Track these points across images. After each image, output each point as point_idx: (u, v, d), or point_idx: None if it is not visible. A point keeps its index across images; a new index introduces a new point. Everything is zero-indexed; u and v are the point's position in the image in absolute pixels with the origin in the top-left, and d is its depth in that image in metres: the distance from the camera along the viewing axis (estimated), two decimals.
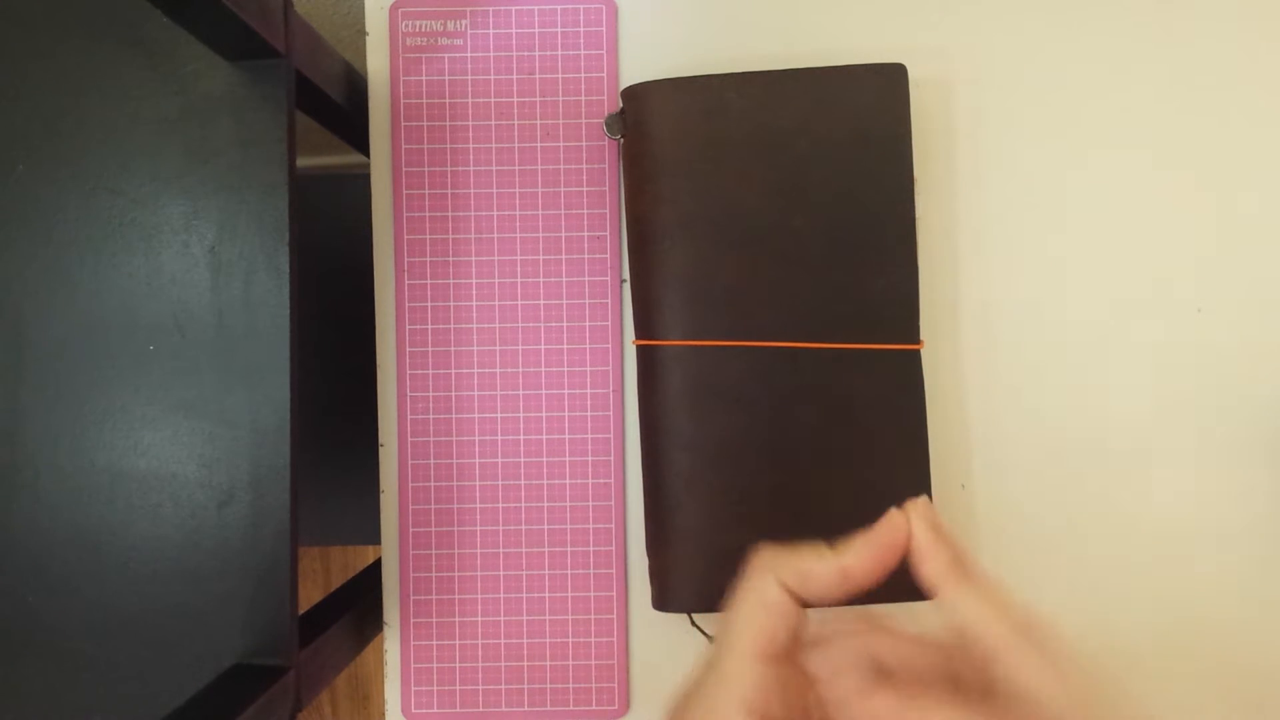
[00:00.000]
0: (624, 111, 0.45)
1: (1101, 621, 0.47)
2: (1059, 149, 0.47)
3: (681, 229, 0.44)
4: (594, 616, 0.47)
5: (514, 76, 0.47)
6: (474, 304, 0.47)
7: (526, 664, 0.47)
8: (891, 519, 0.29)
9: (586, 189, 0.47)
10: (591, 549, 0.47)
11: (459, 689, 0.47)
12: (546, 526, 0.47)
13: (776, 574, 0.29)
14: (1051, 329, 0.47)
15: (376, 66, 0.48)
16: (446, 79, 0.47)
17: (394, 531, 0.47)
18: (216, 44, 0.41)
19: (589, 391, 0.47)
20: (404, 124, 0.47)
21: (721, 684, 0.28)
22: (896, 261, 0.44)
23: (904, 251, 0.44)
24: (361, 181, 0.48)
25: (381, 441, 0.47)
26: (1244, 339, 0.47)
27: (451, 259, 0.47)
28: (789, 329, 0.44)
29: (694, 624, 0.45)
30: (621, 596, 0.47)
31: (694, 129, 0.44)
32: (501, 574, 0.47)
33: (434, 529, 0.47)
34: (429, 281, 0.47)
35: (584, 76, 0.47)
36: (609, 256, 0.47)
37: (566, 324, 0.47)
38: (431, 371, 0.47)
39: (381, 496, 0.47)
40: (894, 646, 0.29)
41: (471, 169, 0.47)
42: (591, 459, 0.47)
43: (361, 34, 0.48)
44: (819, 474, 0.44)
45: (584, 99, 0.47)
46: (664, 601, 0.45)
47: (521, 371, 0.47)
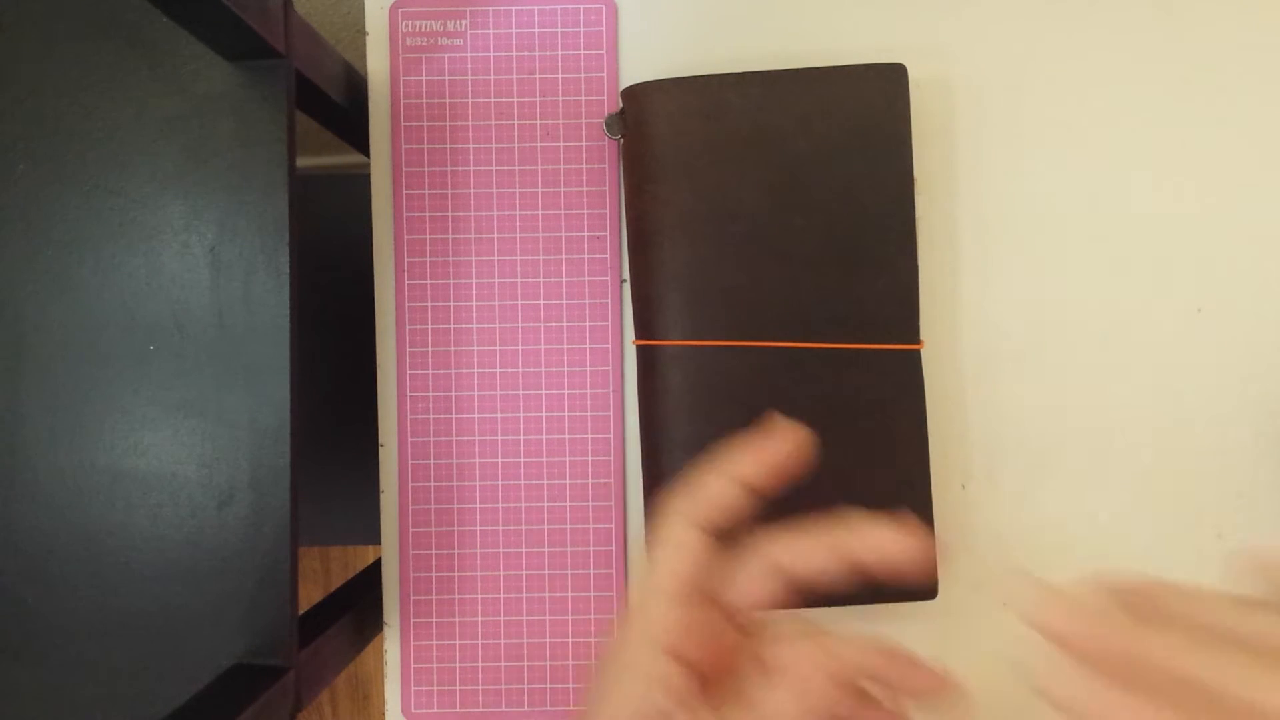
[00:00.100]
0: (624, 111, 0.45)
1: None
2: (1059, 149, 0.47)
3: (681, 229, 0.44)
4: (594, 616, 0.47)
5: (514, 76, 0.47)
6: (474, 304, 0.47)
7: (526, 664, 0.47)
8: (784, 435, 0.31)
9: (586, 189, 0.47)
10: (591, 549, 0.47)
11: (459, 689, 0.47)
12: (546, 526, 0.47)
13: (687, 515, 0.29)
14: (1051, 329, 0.47)
15: (376, 66, 0.48)
16: (446, 79, 0.47)
17: (394, 531, 0.47)
18: (216, 44, 0.41)
19: (589, 391, 0.47)
20: (404, 124, 0.47)
21: (640, 623, 0.28)
22: (896, 261, 0.44)
23: (904, 251, 0.44)
24: (361, 181, 0.48)
25: (381, 441, 0.47)
26: (1244, 339, 0.47)
27: (451, 259, 0.47)
28: (789, 329, 0.44)
29: None
30: (621, 596, 0.47)
31: (694, 129, 0.44)
32: (501, 574, 0.47)
33: (434, 529, 0.47)
34: (429, 281, 0.47)
35: (584, 76, 0.47)
36: (609, 256, 0.47)
37: (566, 324, 0.47)
38: (431, 371, 0.47)
39: (381, 496, 0.47)
40: (799, 551, 0.30)
41: (471, 169, 0.47)
42: (591, 459, 0.47)
43: (361, 34, 0.48)
44: (819, 474, 0.44)
45: (584, 99, 0.47)
46: None
47: (521, 371, 0.47)
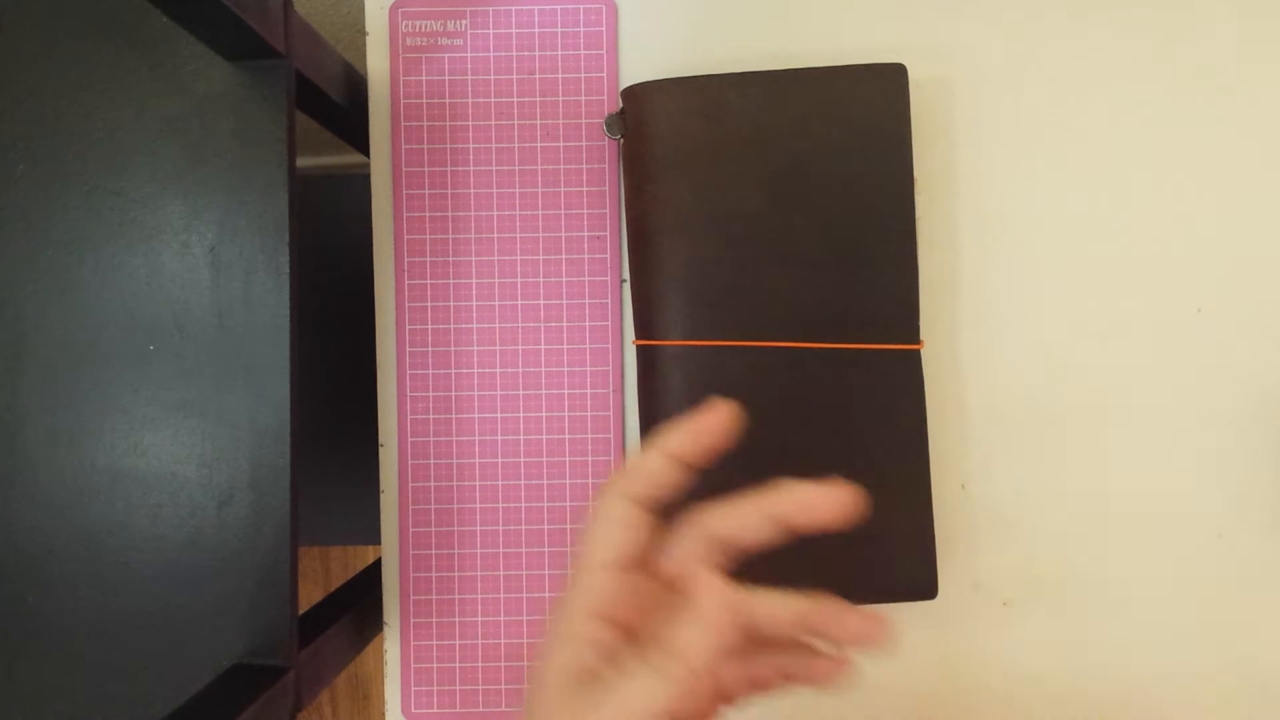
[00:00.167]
0: (624, 111, 0.45)
1: (1102, 622, 0.47)
2: (1059, 149, 0.47)
3: (681, 229, 0.44)
4: None
5: (514, 76, 0.47)
6: (474, 304, 0.47)
7: (526, 664, 0.46)
8: (714, 412, 0.32)
9: (586, 189, 0.47)
10: None
11: (459, 689, 0.47)
12: (546, 527, 0.47)
13: (621, 489, 0.31)
14: (1051, 329, 0.47)
15: (376, 66, 0.48)
16: (446, 79, 0.47)
17: (394, 531, 0.47)
18: (216, 44, 0.41)
19: (589, 391, 0.47)
20: (404, 124, 0.47)
21: (573, 591, 0.31)
22: (896, 261, 0.44)
23: (904, 251, 0.44)
24: (361, 181, 0.48)
25: (381, 441, 0.47)
26: (1244, 339, 0.47)
27: (451, 259, 0.47)
28: (789, 329, 0.44)
29: None
30: None
31: (694, 129, 0.44)
32: (501, 574, 0.47)
33: (434, 529, 0.47)
34: (429, 281, 0.47)
35: (584, 76, 0.47)
36: (609, 256, 0.47)
37: (566, 324, 0.47)
38: (431, 371, 0.47)
39: (381, 496, 0.47)
40: (729, 516, 0.32)
41: (471, 169, 0.47)
42: (591, 459, 0.47)
43: (361, 34, 0.48)
44: (819, 474, 0.44)
45: (584, 99, 0.47)
46: None
47: (521, 371, 0.47)
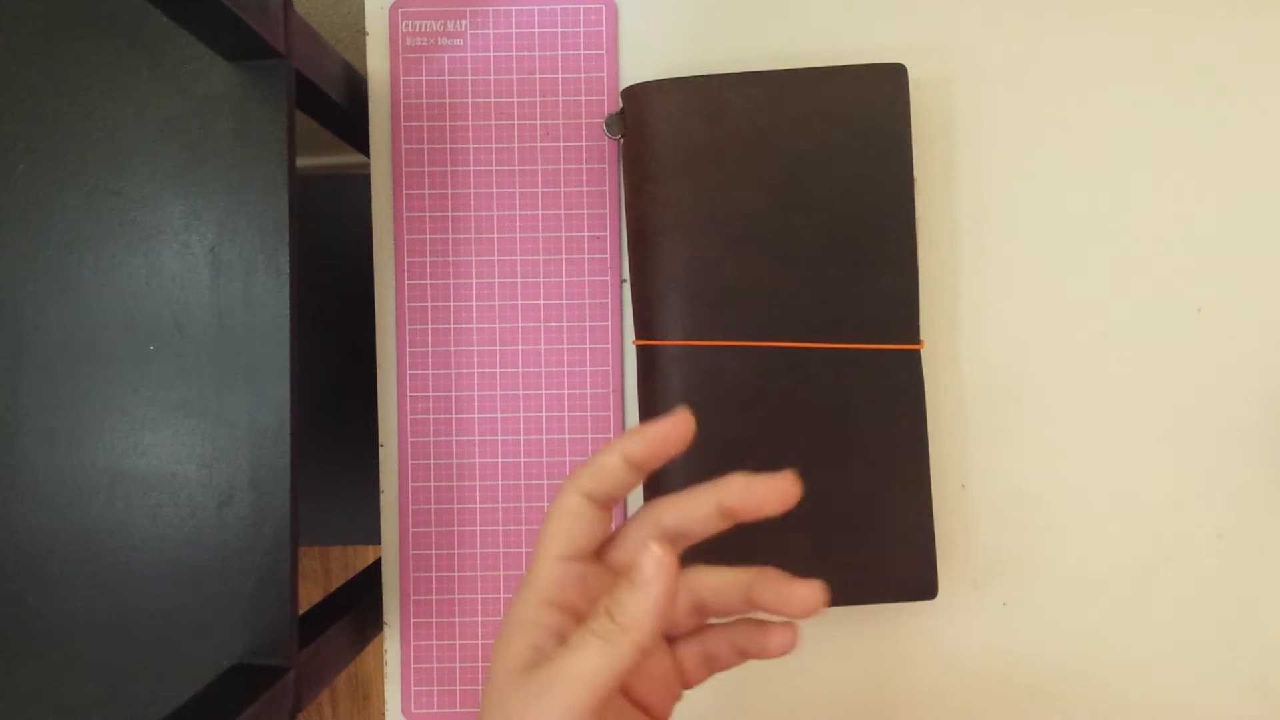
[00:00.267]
0: (624, 111, 0.45)
1: (1103, 622, 0.47)
2: (1059, 149, 0.47)
3: (681, 229, 0.44)
4: None
5: (514, 76, 0.47)
6: (474, 304, 0.47)
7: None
8: (670, 420, 0.33)
9: (586, 189, 0.47)
10: None
11: (459, 689, 0.47)
12: None
13: (574, 485, 0.32)
14: (1051, 329, 0.47)
15: (376, 66, 0.48)
16: (446, 79, 0.47)
17: (394, 531, 0.47)
18: (216, 44, 0.41)
19: (589, 391, 0.47)
20: (404, 124, 0.47)
21: (526, 582, 0.32)
22: (896, 261, 0.44)
23: (904, 251, 0.44)
24: (361, 181, 0.48)
25: (381, 441, 0.47)
26: (1244, 339, 0.47)
27: (451, 259, 0.47)
28: (789, 329, 0.44)
29: None
30: None
31: (694, 129, 0.44)
32: (501, 574, 0.47)
33: (434, 529, 0.47)
34: (429, 281, 0.47)
35: (584, 76, 0.47)
36: (609, 256, 0.47)
37: (566, 324, 0.47)
38: (431, 371, 0.47)
39: (381, 496, 0.47)
40: (677, 510, 0.33)
41: (471, 169, 0.47)
42: None
43: (361, 34, 0.48)
44: (819, 474, 0.44)
45: (584, 99, 0.47)
46: None
47: (521, 371, 0.47)
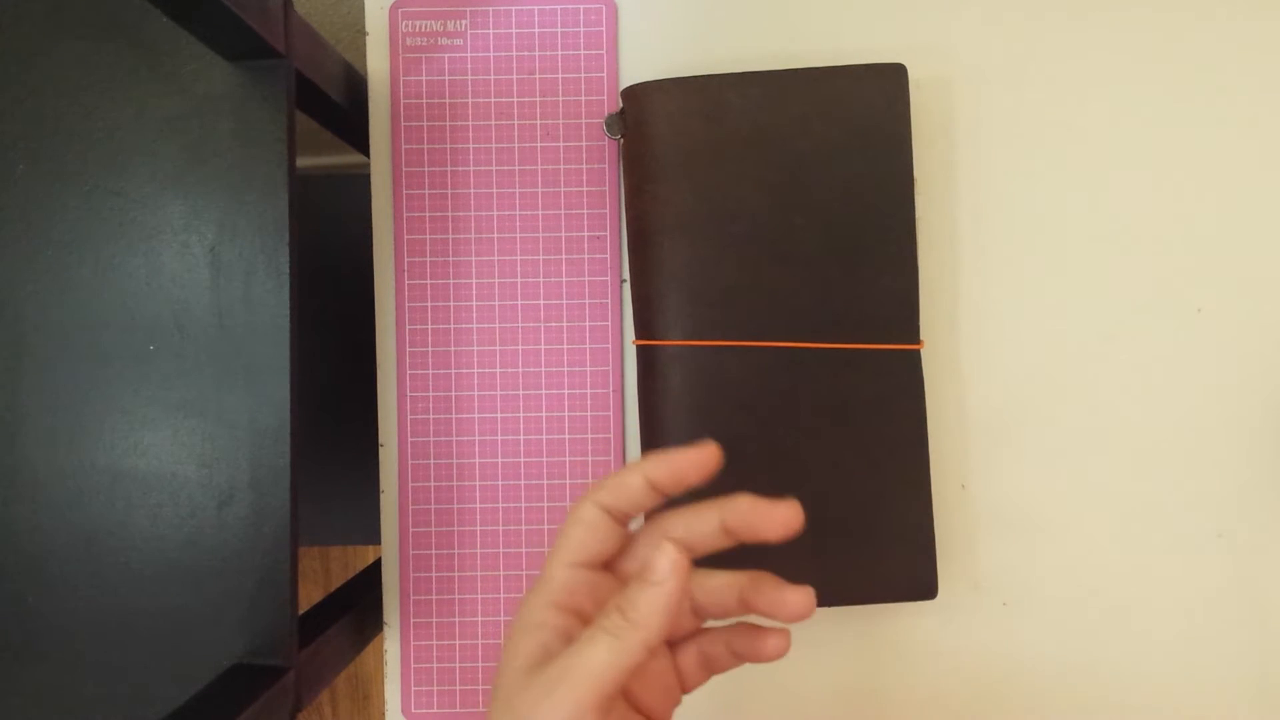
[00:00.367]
0: (624, 111, 0.45)
1: (1103, 622, 0.47)
2: (1059, 149, 0.47)
3: (681, 229, 0.44)
4: None
5: (514, 76, 0.47)
6: (474, 304, 0.47)
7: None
8: (695, 450, 0.33)
9: (586, 189, 0.47)
10: None
11: (459, 689, 0.47)
12: (547, 527, 0.47)
13: (594, 496, 0.33)
14: (1051, 329, 0.47)
15: (376, 66, 0.48)
16: (446, 79, 0.47)
17: (394, 531, 0.47)
18: (216, 44, 0.41)
19: (589, 391, 0.47)
20: (404, 124, 0.47)
21: (537, 585, 0.33)
22: (896, 261, 0.44)
23: (904, 251, 0.44)
24: (361, 181, 0.48)
25: (381, 441, 0.47)
26: (1244, 339, 0.47)
27: (451, 259, 0.47)
28: (789, 329, 0.44)
29: None
30: None
31: (694, 129, 0.44)
32: (501, 574, 0.47)
33: (434, 529, 0.47)
34: (429, 281, 0.47)
35: (584, 76, 0.47)
36: (609, 256, 0.47)
37: (566, 324, 0.47)
38: (431, 371, 0.47)
39: (381, 496, 0.47)
40: (683, 525, 0.33)
41: (471, 169, 0.47)
42: (591, 459, 0.47)
43: (361, 34, 0.48)
44: (819, 474, 0.44)
45: (584, 99, 0.47)
46: None
47: (521, 371, 0.47)
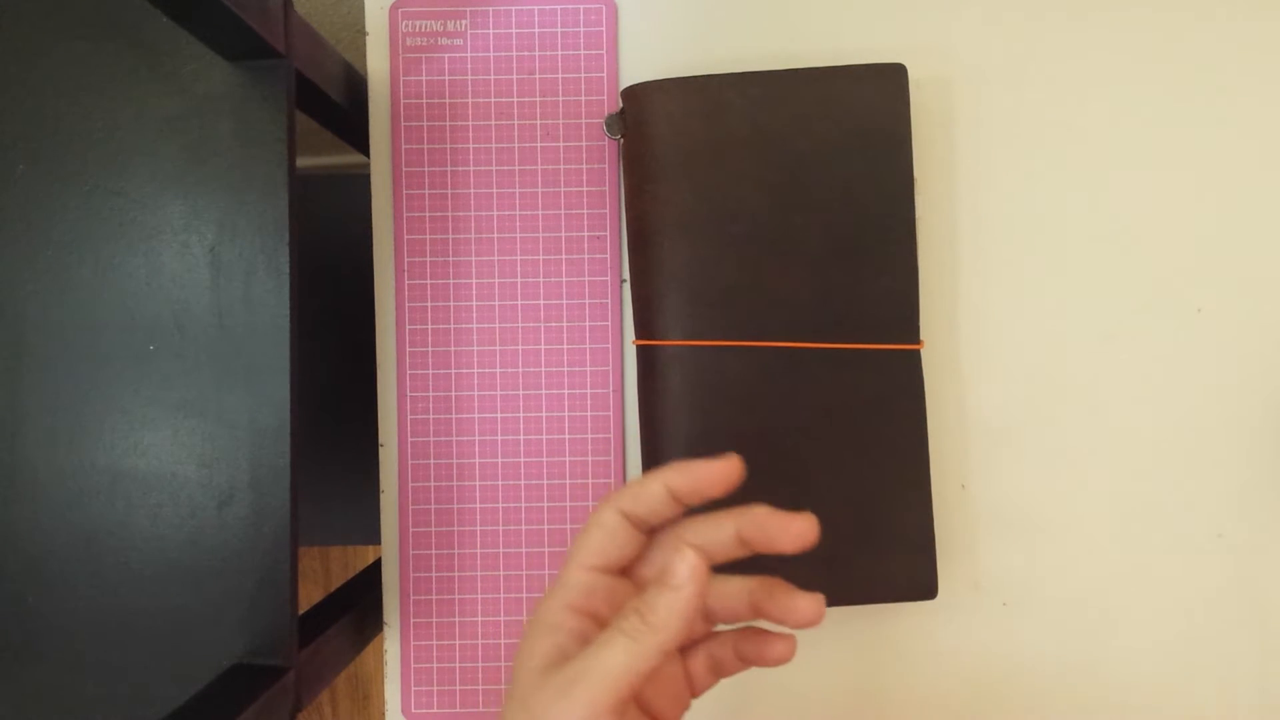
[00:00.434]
0: (624, 111, 0.45)
1: (1103, 622, 0.47)
2: (1059, 149, 0.47)
3: (681, 229, 0.44)
4: None
5: (514, 76, 0.47)
6: (474, 304, 0.47)
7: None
8: (718, 463, 0.33)
9: (586, 189, 0.47)
10: None
11: (459, 689, 0.47)
12: (546, 527, 0.47)
13: (615, 502, 0.33)
14: (1051, 329, 0.47)
15: (376, 66, 0.48)
16: (446, 79, 0.47)
17: (394, 531, 0.47)
18: (216, 44, 0.41)
19: (589, 391, 0.47)
20: (404, 124, 0.47)
21: (554, 587, 0.33)
22: (896, 261, 0.44)
23: (904, 251, 0.44)
24: (361, 181, 0.48)
25: (381, 441, 0.47)
26: (1244, 339, 0.47)
27: (451, 259, 0.47)
28: (789, 329, 0.44)
29: None
30: None
31: (694, 129, 0.44)
32: (501, 574, 0.47)
33: (434, 529, 0.47)
34: (429, 281, 0.47)
35: (584, 76, 0.47)
36: (609, 256, 0.47)
37: (566, 324, 0.47)
38: (431, 371, 0.47)
39: (381, 496, 0.47)
40: (700, 533, 0.33)
41: (471, 169, 0.47)
42: (591, 459, 0.47)
43: (361, 34, 0.48)
44: (819, 474, 0.44)
45: (584, 99, 0.47)
46: None
47: (521, 371, 0.47)
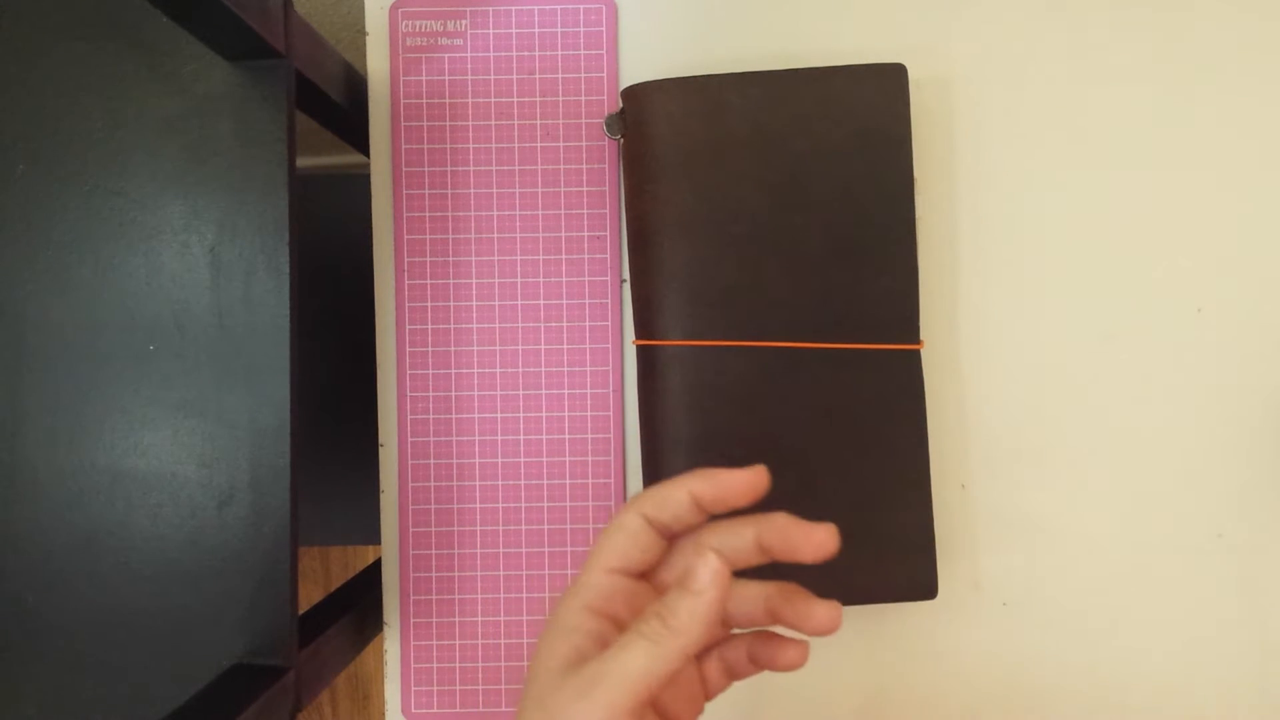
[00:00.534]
0: (624, 111, 0.45)
1: (1102, 622, 0.47)
2: (1059, 148, 0.47)
3: (681, 229, 0.44)
4: None
5: (514, 76, 0.47)
6: (474, 304, 0.47)
7: (526, 664, 0.46)
8: (745, 473, 0.33)
9: (586, 189, 0.47)
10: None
11: (459, 689, 0.47)
12: (546, 526, 0.47)
13: (638, 506, 0.33)
14: (1051, 329, 0.47)
15: (376, 66, 0.48)
16: (446, 79, 0.47)
17: (394, 531, 0.47)
18: (216, 44, 0.41)
19: (589, 391, 0.47)
20: (404, 124, 0.47)
21: (574, 588, 0.33)
22: (896, 261, 0.44)
23: (904, 251, 0.44)
24: (361, 181, 0.48)
25: (381, 441, 0.47)
26: (1244, 339, 0.47)
27: (451, 259, 0.47)
28: (789, 329, 0.44)
29: None
30: None
31: (694, 129, 0.44)
32: (501, 574, 0.47)
33: (434, 529, 0.47)
34: (429, 281, 0.47)
35: (584, 76, 0.47)
36: (609, 256, 0.47)
37: (566, 324, 0.47)
38: (431, 371, 0.47)
39: (381, 496, 0.47)
40: (721, 539, 0.33)
41: (471, 169, 0.47)
42: (591, 459, 0.47)
43: (361, 34, 0.48)
44: (819, 474, 0.44)
45: (584, 99, 0.47)
46: None
47: (521, 371, 0.47)
